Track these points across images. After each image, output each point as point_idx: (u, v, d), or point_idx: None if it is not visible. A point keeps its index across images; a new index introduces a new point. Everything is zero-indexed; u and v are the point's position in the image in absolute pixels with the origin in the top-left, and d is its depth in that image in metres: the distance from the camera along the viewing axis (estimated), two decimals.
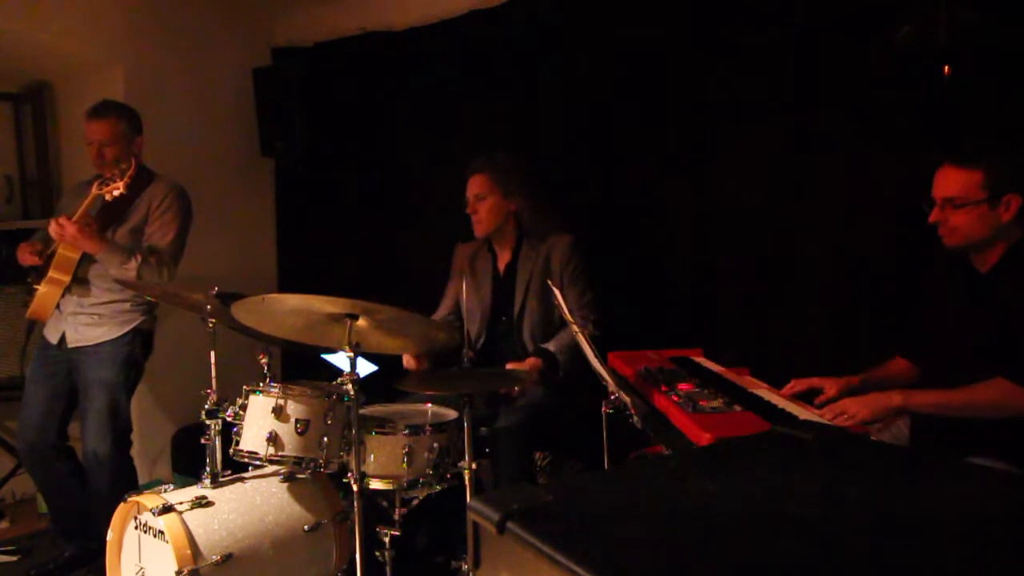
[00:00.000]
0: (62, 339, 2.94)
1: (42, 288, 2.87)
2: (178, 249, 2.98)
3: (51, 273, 2.84)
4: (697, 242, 3.16)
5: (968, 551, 0.87)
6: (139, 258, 2.82)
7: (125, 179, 2.69)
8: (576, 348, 2.68)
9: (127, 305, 2.93)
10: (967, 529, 0.94)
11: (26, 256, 2.88)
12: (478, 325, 2.97)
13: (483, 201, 2.89)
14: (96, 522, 2.70)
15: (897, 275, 2.67)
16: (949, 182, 1.99)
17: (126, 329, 2.94)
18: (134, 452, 3.06)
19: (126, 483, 2.89)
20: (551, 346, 2.81)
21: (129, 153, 2.90)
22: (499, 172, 2.90)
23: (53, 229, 2.74)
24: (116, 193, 2.71)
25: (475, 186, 2.91)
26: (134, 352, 2.96)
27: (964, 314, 2.07)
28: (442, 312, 3.10)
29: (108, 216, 2.88)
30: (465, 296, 2.79)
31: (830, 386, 2.13)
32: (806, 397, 2.15)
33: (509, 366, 2.74)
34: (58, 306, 2.93)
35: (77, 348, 2.91)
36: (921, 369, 2.25)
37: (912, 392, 1.90)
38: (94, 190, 2.75)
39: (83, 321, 2.91)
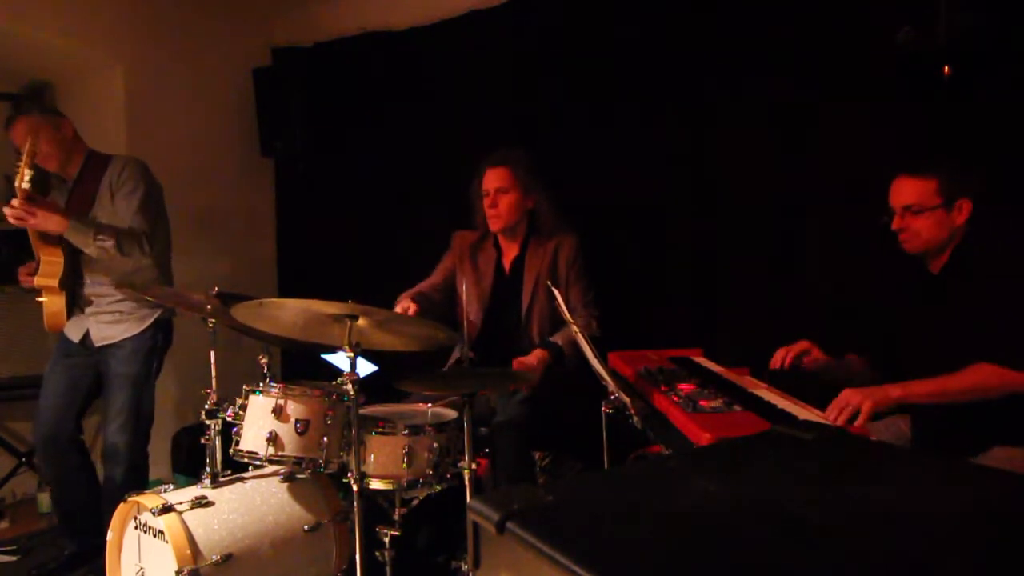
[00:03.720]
0: (85, 337, 2.96)
1: (44, 299, 2.88)
2: (150, 220, 2.89)
3: (39, 280, 2.84)
4: (697, 242, 3.16)
5: (968, 551, 0.87)
6: (111, 229, 2.76)
7: (26, 159, 2.61)
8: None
9: (146, 299, 2.94)
10: (967, 529, 0.94)
11: (24, 279, 2.90)
12: (474, 316, 2.96)
13: (505, 195, 2.89)
14: (104, 517, 2.71)
15: (897, 275, 2.67)
16: (906, 191, 2.13)
17: (148, 323, 2.98)
18: None
19: (139, 477, 2.93)
20: (557, 339, 2.81)
21: (61, 136, 2.85)
22: (521, 168, 2.91)
23: (9, 213, 2.64)
24: (26, 179, 2.59)
25: (497, 179, 2.89)
26: (157, 344, 3.01)
27: (921, 314, 2.18)
28: (426, 283, 3.02)
29: (75, 211, 2.83)
30: (463, 285, 2.78)
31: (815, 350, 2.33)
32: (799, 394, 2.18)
33: (516, 362, 2.74)
34: (79, 306, 2.95)
35: (103, 346, 2.94)
36: (874, 366, 2.35)
37: (908, 384, 1.94)
38: (15, 183, 2.64)
39: (105, 320, 2.95)
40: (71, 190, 2.92)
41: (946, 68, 2.42)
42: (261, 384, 2.30)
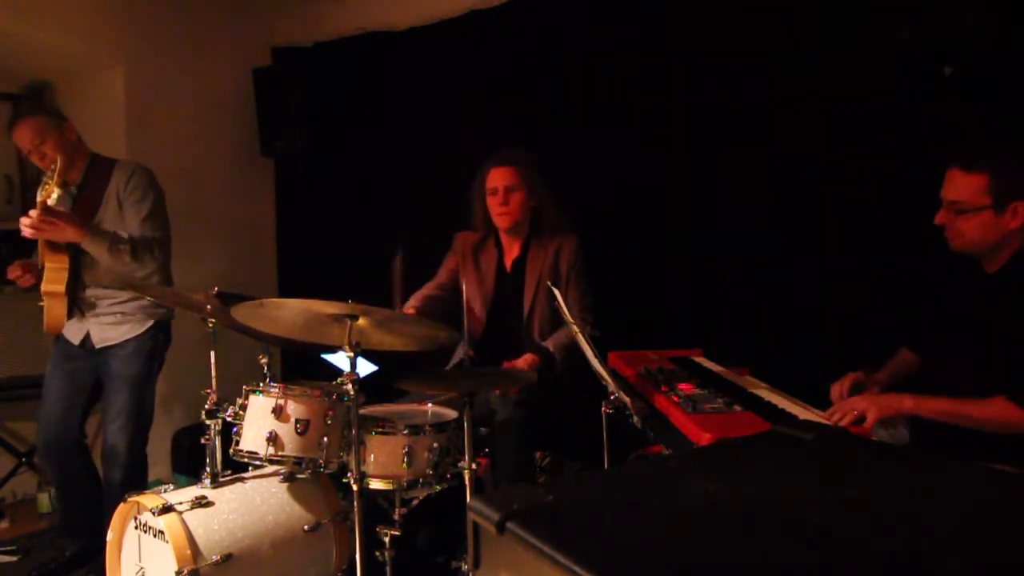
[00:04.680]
0: (86, 339, 2.96)
1: (45, 303, 2.87)
2: (159, 226, 2.91)
3: (45, 286, 2.83)
4: (697, 242, 3.16)
5: (968, 551, 0.87)
6: (126, 235, 2.77)
7: (56, 178, 2.63)
8: (572, 347, 2.69)
9: (146, 300, 2.94)
10: (967, 529, 0.94)
11: (20, 278, 2.89)
12: (478, 315, 2.96)
13: (514, 193, 2.90)
14: (105, 517, 2.71)
15: (897, 275, 2.67)
16: (954, 186, 1.96)
17: (148, 324, 2.98)
18: None
19: (139, 477, 2.93)
20: (549, 344, 2.81)
21: (65, 140, 2.85)
22: (525, 167, 2.92)
23: (26, 225, 2.63)
24: (54, 196, 2.62)
25: (505, 177, 2.90)
26: (157, 345, 3.02)
27: (967, 315, 2.06)
28: (432, 285, 3.03)
29: (81, 216, 2.82)
30: (466, 285, 2.78)
31: (872, 383, 2.16)
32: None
33: (507, 365, 2.74)
34: (80, 309, 2.94)
35: (103, 348, 2.94)
36: (923, 361, 2.25)
37: (922, 397, 1.89)
38: (38, 197, 2.65)
39: (106, 321, 2.95)
40: (76, 195, 2.91)
41: (946, 68, 2.41)
42: (261, 384, 2.30)
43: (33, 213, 2.60)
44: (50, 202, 2.61)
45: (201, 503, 2.21)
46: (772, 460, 1.22)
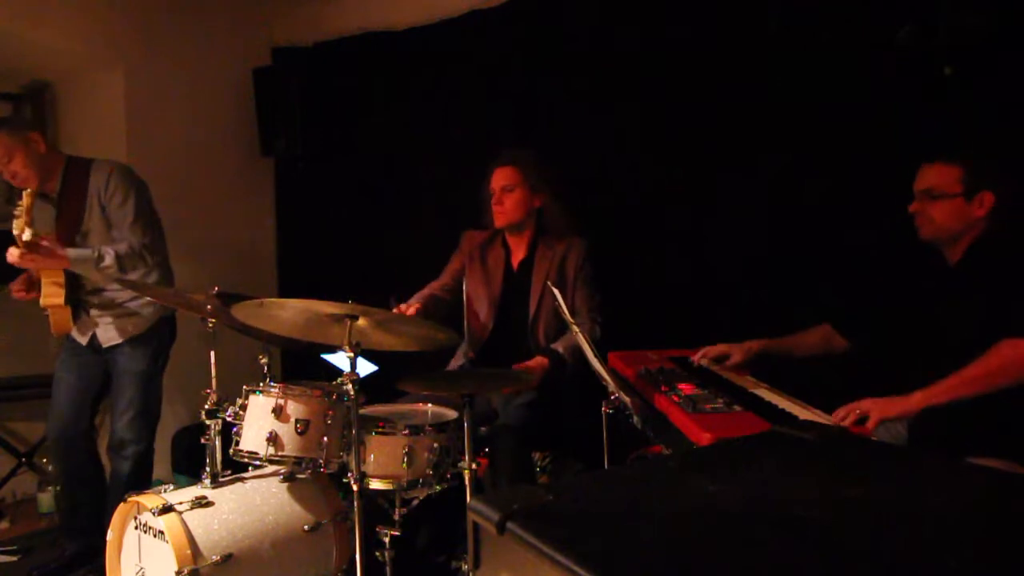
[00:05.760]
0: (93, 339, 2.99)
1: (49, 312, 2.89)
2: (147, 229, 2.90)
3: (44, 300, 2.84)
4: (697, 242, 3.15)
5: (968, 551, 0.87)
6: (111, 252, 2.76)
7: (25, 215, 2.58)
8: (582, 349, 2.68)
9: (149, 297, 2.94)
10: (967, 529, 0.94)
11: (19, 295, 2.89)
12: (484, 316, 2.96)
13: (510, 193, 2.90)
14: (108, 512, 2.71)
15: (897, 275, 2.67)
16: (930, 175, 2.14)
17: (153, 320, 3.01)
18: None
19: (146, 472, 2.97)
20: (559, 347, 2.80)
21: (33, 153, 2.80)
22: (527, 167, 2.92)
23: (12, 261, 2.64)
24: (27, 235, 2.57)
25: (503, 177, 2.91)
26: (162, 340, 3.05)
27: (934, 306, 2.14)
28: (436, 285, 3.02)
29: (66, 227, 2.82)
30: (471, 285, 2.77)
31: (736, 352, 2.46)
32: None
33: (516, 367, 2.73)
34: (86, 311, 2.96)
35: (110, 347, 2.97)
36: (850, 342, 2.40)
37: (928, 389, 1.90)
38: (14, 231, 2.61)
39: (110, 321, 2.97)
40: (57, 206, 2.89)
41: (946, 68, 2.42)
42: (261, 384, 2.30)
43: (15, 251, 2.61)
44: (25, 237, 2.58)
45: (201, 503, 2.21)
46: (772, 460, 1.22)
